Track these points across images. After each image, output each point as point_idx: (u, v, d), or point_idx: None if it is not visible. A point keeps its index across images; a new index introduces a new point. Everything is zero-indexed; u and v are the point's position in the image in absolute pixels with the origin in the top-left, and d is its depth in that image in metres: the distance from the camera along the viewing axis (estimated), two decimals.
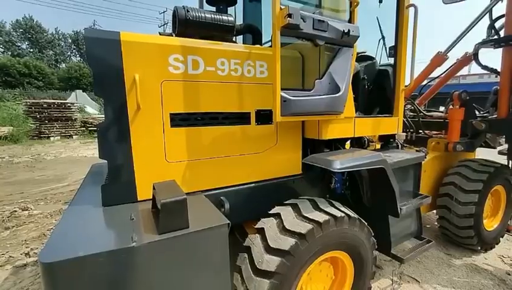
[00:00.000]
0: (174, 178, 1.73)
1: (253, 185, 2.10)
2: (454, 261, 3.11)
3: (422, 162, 3.01)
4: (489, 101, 3.26)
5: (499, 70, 3.01)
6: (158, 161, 1.74)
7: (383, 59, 3.06)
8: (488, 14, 3.01)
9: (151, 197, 1.61)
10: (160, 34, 2.16)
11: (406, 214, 2.39)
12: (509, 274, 2.89)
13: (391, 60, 2.73)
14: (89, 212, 1.57)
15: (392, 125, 2.57)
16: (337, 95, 1.88)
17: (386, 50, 2.91)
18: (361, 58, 3.07)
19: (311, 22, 1.70)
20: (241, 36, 2.89)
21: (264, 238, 1.68)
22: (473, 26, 3.10)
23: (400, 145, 3.02)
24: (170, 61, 1.69)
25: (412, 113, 3.87)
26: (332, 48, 1.98)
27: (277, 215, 1.78)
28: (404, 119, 3.48)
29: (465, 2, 3.08)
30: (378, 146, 3.11)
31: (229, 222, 1.42)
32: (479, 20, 3.05)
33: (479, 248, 3.19)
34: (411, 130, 3.55)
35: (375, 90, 2.89)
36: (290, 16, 1.57)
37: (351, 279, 2.02)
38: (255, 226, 1.81)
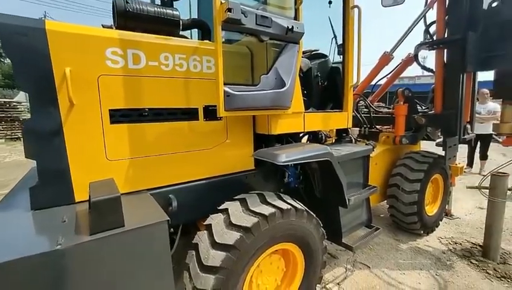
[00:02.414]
0: (117, 177, 1.66)
1: (204, 181, 2.08)
2: (401, 246, 3.35)
3: (373, 155, 3.22)
4: (429, 98, 3.55)
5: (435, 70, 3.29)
6: (98, 160, 1.65)
7: (336, 57, 3.21)
8: (422, 19, 3.29)
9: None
10: (103, 26, 2.05)
11: (354, 204, 2.52)
12: (444, 253, 3.19)
13: None
14: (14, 217, 1.44)
15: (342, 120, 2.69)
16: (282, 90, 1.92)
17: (337, 48, 3.04)
18: (314, 56, 3.18)
19: (254, 17, 1.72)
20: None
21: (210, 234, 1.67)
22: (412, 30, 3.37)
23: (353, 140, 3.17)
24: (107, 55, 1.61)
25: (365, 109, 4.09)
26: (279, 44, 2.02)
27: (225, 211, 1.78)
28: (358, 115, 3.68)
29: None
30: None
31: (168, 218, 1.38)
32: (416, 24, 3.32)
33: (422, 231, 3.48)
34: (364, 126, 3.74)
35: (328, 87, 3.00)
36: (229, 10, 1.57)
37: (302, 270, 2.08)
38: (204, 223, 1.80)
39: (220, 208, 1.84)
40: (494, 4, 2.79)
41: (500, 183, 2.82)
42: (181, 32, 2.16)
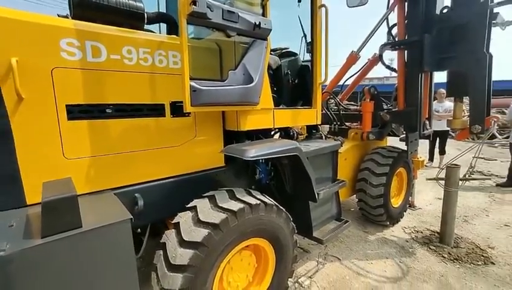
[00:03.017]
0: (77, 176, 1.56)
1: (172, 179, 2.02)
2: (369, 237, 3.51)
3: (342, 150, 3.33)
4: (393, 96, 3.75)
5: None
6: (54, 159, 1.54)
7: (306, 56, 3.27)
8: (385, 21, 3.47)
9: None
10: (58, 15, 1.92)
11: (324, 198, 2.59)
12: (407, 241, 3.39)
13: None
14: None
15: (311, 116, 2.75)
16: (250, 85, 1.92)
17: (306, 46, 3.11)
18: (284, 54, 3.22)
19: (220, 12, 1.70)
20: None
21: (178, 233, 1.63)
22: (376, 31, 3.55)
23: (323, 136, 3.26)
24: (62, 46, 1.50)
25: (335, 107, 4.23)
26: (247, 40, 2.02)
27: (193, 208, 1.75)
28: (328, 113, 3.79)
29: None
30: None
31: (131, 217, 1.33)
32: (379, 25, 3.50)
33: (388, 223, 3.66)
34: (334, 123, 3.86)
35: (298, 84, 3.06)
36: (194, 3, 1.54)
37: (273, 265, 2.09)
38: (172, 221, 1.76)
39: (189, 205, 1.80)
40: (445, 10, 3.01)
41: (453, 174, 3.05)
42: (149, 27, 2.09)
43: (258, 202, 1.81)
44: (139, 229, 2.08)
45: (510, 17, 2.90)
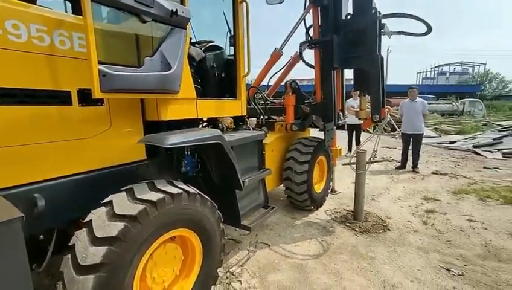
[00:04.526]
0: None
1: (84, 176, 1.82)
2: (296, 222, 3.79)
3: (269, 142, 3.51)
4: (313, 90, 4.12)
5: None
6: None
7: (232, 50, 3.33)
8: (303, 21, 3.81)
9: None
10: None
11: (250, 187, 2.70)
12: (328, 222, 3.79)
13: None
14: None
15: (236, 107, 2.82)
16: (168, 72, 1.87)
17: (229, 40, 3.17)
18: (210, 48, 3.23)
19: None
20: None
21: (90, 231, 1.48)
22: (295, 30, 3.86)
23: (250, 129, 3.37)
24: None
25: (262, 102, 4.42)
26: (165, 28, 1.95)
27: (109, 203, 1.61)
28: (256, 107, 3.94)
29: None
30: None
31: (22, 215, 1.15)
32: (298, 25, 3.82)
33: (313, 207, 4.02)
34: (261, 116, 4.04)
35: (224, 77, 3.10)
36: None
37: (200, 255, 2.07)
38: (83, 220, 1.59)
39: (103, 201, 1.65)
40: (349, 17, 3.47)
41: (361, 158, 3.54)
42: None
43: (180, 191, 1.77)
44: (41, 236, 1.82)
45: (395, 28, 3.52)
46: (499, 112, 22.12)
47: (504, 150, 8.03)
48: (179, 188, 1.81)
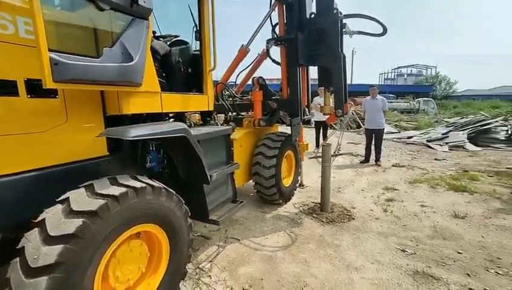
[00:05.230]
0: None
1: (35, 173, 1.69)
2: (266, 216, 3.86)
3: (238, 137, 3.52)
4: (280, 86, 4.21)
5: None
6: None
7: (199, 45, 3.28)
8: (268, 19, 3.89)
9: None
10: None
11: (218, 182, 2.69)
12: (296, 214, 3.91)
13: None
14: None
15: (203, 102, 2.80)
16: (129, 64, 1.80)
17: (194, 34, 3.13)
18: (176, 42, 3.16)
19: None
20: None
21: (43, 230, 1.38)
22: (261, 27, 3.92)
23: (218, 124, 3.36)
24: None
25: (230, 98, 4.42)
26: (125, 18, 1.88)
27: (65, 200, 1.52)
28: (224, 103, 3.93)
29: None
30: None
31: None
32: (264, 22, 3.89)
33: (281, 201, 4.12)
34: (229, 112, 4.04)
35: (190, 72, 3.05)
36: None
37: (167, 251, 2.03)
38: (35, 220, 1.47)
39: (59, 199, 1.55)
40: (312, 16, 3.60)
41: (326, 152, 3.70)
42: None
43: (144, 185, 1.72)
44: None
45: (356, 28, 3.72)
46: (447, 110, 24.36)
47: (450, 143, 8.87)
48: (143, 182, 1.75)
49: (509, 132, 9.03)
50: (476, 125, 9.93)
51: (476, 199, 4.37)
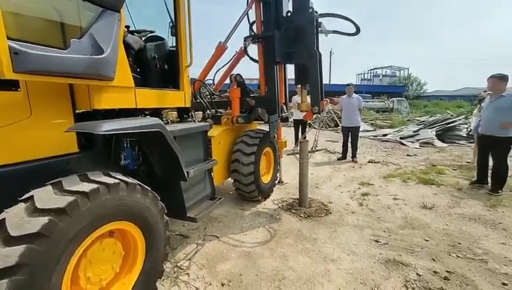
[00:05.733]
0: None
1: None
2: (245, 213, 3.86)
3: (216, 135, 3.50)
4: (258, 84, 4.23)
5: None
6: None
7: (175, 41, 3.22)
8: (246, 16, 3.90)
9: None
10: None
11: (196, 179, 2.66)
12: (275, 210, 3.95)
13: None
14: None
15: (179, 98, 2.75)
16: (99, 56, 1.74)
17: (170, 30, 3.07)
18: (151, 38, 3.09)
19: None
20: None
21: (2, 231, 1.28)
22: (239, 24, 3.92)
23: (196, 121, 3.32)
24: None
25: (209, 96, 4.38)
26: (95, 8, 1.81)
27: (29, 199, 1.43)
28: (202, 101, 3.89)
29: None
30: None
31: None
32: (241, 19, 3.89)
33: (260, 198, 4.14)
34: (207, 110, 4.00)
35: (166, 68, 2.99)
36: None
37: (143, 249, 1.98)
38: None
39: (22, 198, 1.46)
40: (289, 14, 3.65)
41: (304, 148, 3.77)
42: None
43: (117, 181, 1.67)
44: None
45: (331, 28, 3.81)
46: (418, 110, 25.84)
47: (420, 140, 9.37)
48: (116, 178, 1.70)
49: (468, 129, 9.69)
50: (443, 123, 10.55)
51: (442, 191, 4.66)
